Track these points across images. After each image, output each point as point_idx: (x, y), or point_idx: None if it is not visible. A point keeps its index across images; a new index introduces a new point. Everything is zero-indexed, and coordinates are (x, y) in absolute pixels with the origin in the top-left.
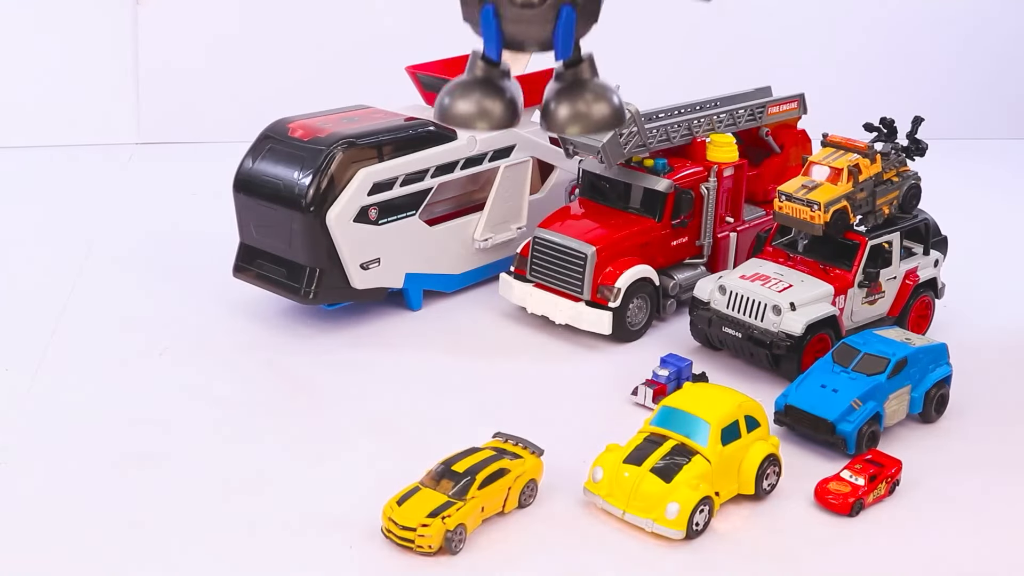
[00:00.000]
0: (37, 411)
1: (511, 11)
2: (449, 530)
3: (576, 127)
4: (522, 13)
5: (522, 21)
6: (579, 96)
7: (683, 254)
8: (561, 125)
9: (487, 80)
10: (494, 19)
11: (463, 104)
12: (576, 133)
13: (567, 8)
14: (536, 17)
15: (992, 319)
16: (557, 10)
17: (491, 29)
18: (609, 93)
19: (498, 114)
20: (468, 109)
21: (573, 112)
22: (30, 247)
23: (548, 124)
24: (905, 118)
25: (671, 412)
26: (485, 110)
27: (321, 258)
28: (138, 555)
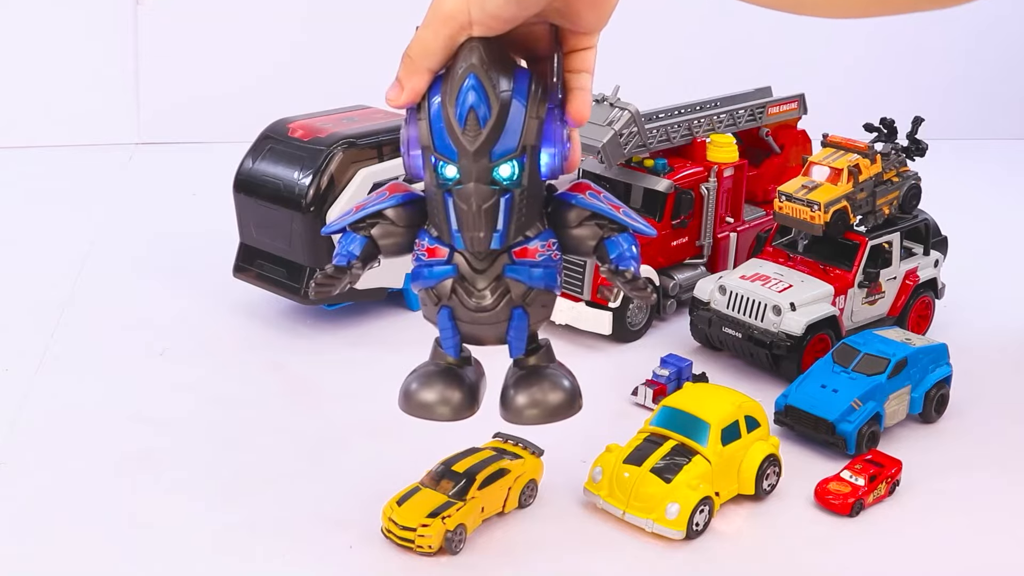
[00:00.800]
0: (37, 411)
1: (465, 313)
2: (449, 530)
3: (533, 413)
4: (475, 315)
5: (477, 322)
6: (536, 385)
7: (683, 254)
8: (518, 412)
9: (448, 370)
10: (450, 320)
11: (426, 393)
12: (534, 420)
13: (518, 311)
14: (490, 318)
15: (992, 319)
16: (509, 311)
17: (448, 329)
18: (563, 381)
19: (457, 401)
20: (430, 398)
21: (530, 400)
22: (30, 247)
23: (507, 412)
24: (905, 118)
25: (671, 412)
26: (445, 398)
27: (321, 258)
28: (138, 555)
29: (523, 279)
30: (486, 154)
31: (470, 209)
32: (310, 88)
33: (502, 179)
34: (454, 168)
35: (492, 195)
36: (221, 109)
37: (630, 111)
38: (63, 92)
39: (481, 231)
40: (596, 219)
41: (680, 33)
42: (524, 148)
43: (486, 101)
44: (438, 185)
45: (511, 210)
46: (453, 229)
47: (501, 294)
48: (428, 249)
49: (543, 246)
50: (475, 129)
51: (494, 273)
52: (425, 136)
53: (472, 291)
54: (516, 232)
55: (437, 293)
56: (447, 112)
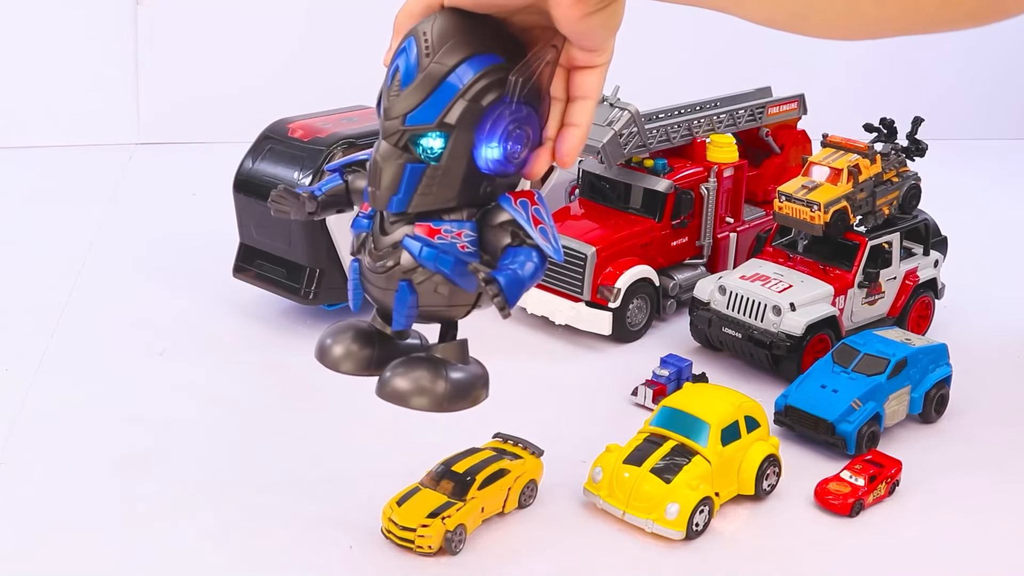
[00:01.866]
0: (37, 411)
1: (366, 270)
2: (449, 530)
3: (385, 390)
4: (370, 275)
5: (371, 282)
6: (410, 366)
7: (683, 254)
8: (380, 383)
9: (359, 328)
10: (355, 274)
11: (337, 347)
12: (383, 395)
13: (403, 283)
14: (379, 281)
15: (992, 319)
16: (396, 281)
17: (353, 281)
18: (440, 375)
19: (364, 358)
20: (339, 352)
21: (391, 374)
22: (30, 247)
23: (379, 389)
24: (905, 119)
25: (671, 412)
26: (350, 352)
27: (321, 258)
28: (138, 555)
29: (411, 251)
30: (400, 116)
31: (375, 163)
32: (310, 88)
33: (423, 148)
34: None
35: (396, 156)
36: (221, 109)
37: (630, 111)
38: (63, 92)
39: (377, 187)
40: (513, 226)
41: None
42: (444, 125)
43: (414, 65)
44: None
45: (416, 181)
46: (366, 184)
47: (393, 262)
48: (364, 204)
49: (451, 232)
50: (396, 89)
51: (395, 239)
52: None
53: (373, 250)
54: (419, 204)
55: (355, 243)
56: (387, 68)
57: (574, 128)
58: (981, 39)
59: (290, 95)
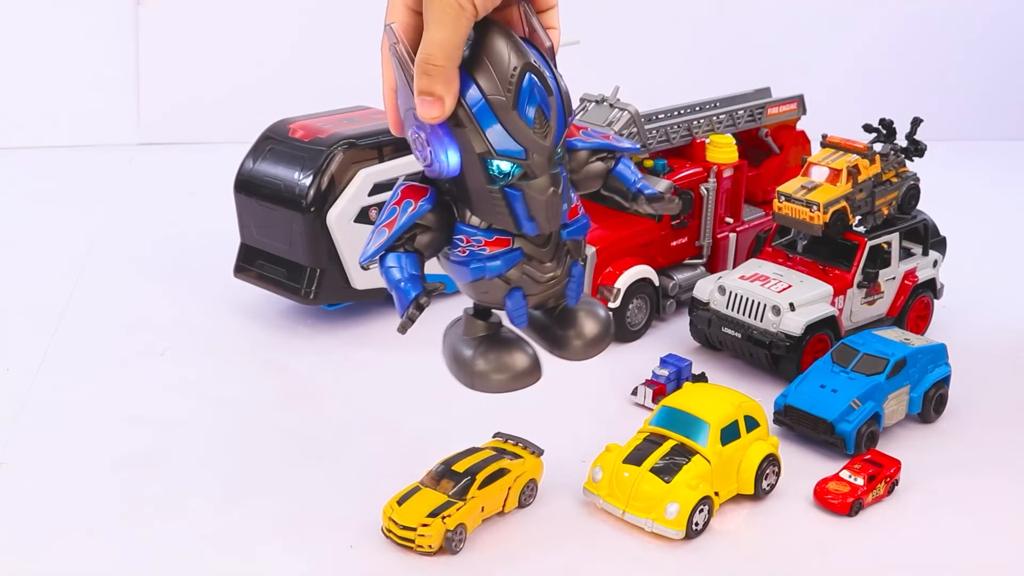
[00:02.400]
0: (37, 411)
1: (535, 287)
2: (449, 530)
3: (579, 343)
4: (546, 286)
5: (546, 291)
6: (576, 319)
7: (683, 254)
8: (569, 347)
9: (495, 337)
10: (524, 299)
11: (495, 373)
12: (580, 353)
13: (576, 264)
14: (558, 282)
15: (992, 319)
16: (569, 268)
17: (522, 307)
18: (598, 309)
19: (528, 366)
20: (499, 372)
21: (576, 333)
22: (30, 247)
23: (559, 349)
24: (905, 119)
25: (671, 412)
26: (513, 366)
27: (322, 258)
28: (138, 555)
29: (578, 235)
30: (554, 144)
31: (546, 198)
32: (310, 88)
33: (556, 158)
34: (509, 164)
35: (559, 178)
36: (221, 110)
37: (630, 112)
38: (63, 92)
39: (559, 213)
40: (596, 155)
41: (680, 34)
42: (569, 126)
43: (545, 97)
44: (493, 182)
45: (567, 181)
46: (524, 220)
47: (561, 258)
48: (488, 243)
49: (576, 198)
50: (543, 124)
51: (555, 242)
52: (480, 143)
53: (541, 266)
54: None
55: (507, 279)
56: (509, 114)
57: (555, 31)
58: (981, 39)
59: (290, 95)
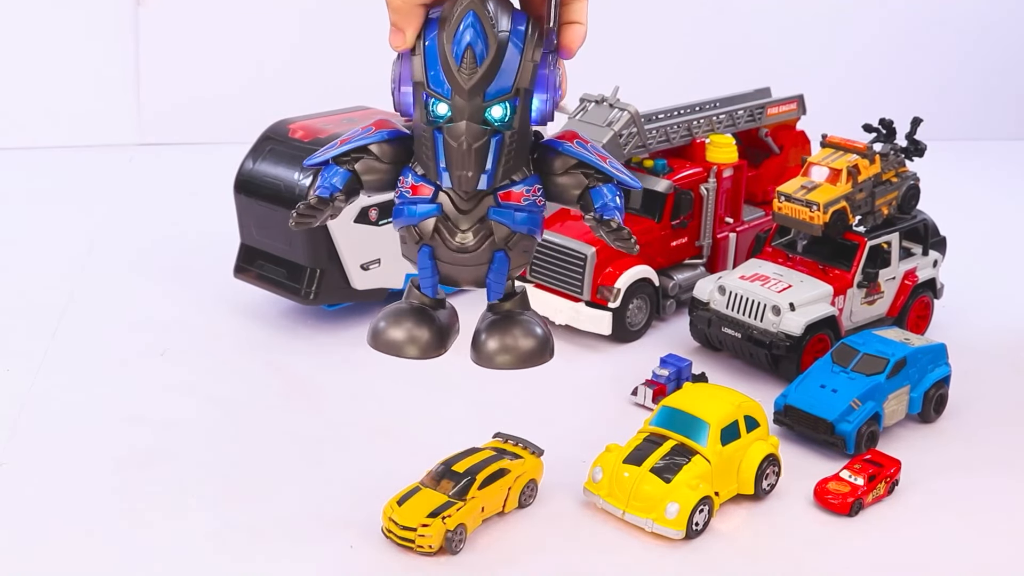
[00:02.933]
0: (37, 411)
1: (446, 253)
2: (449, 530)
3: (504, 358)
4: (456, 256)
5: (457, 263)
6: (508, 331)
7: (683, 254)
8: (489, 357)
9: (421, 309)
10: (430, 260)
11: (394, 331)
12: (505, 365)
13: (499, 254)
14: (470, 259)
15: (992, 319)
16: (491, 254)
17: (428, 269)
18: (536, 328)
19: (425, 341)
20: (398, 336)
21: (501, 345)
22: (30, 247)
23: (477, 356)
24: (905, 119)
25: (671, 412)
26: (414, 337)
27: (321, 259)
28: (138, 555)
29: (507, 222)
30: (480, 93)
31: (460, 147)
32: (310, 88)
33: (494, 120)
34: (446, 106)
35: (483, 135)
36: (221, 110)
37: (629, 112)
38: (63, 92)
39: (470, 170)
40: (582, 168)
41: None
42: (518, 90)
43: (484, 39)
44: (428, 122)
45: (500, 151)
46: (441, 167)
47: (484, 236)
48: (412, 187)
49: (528, 191)
50: (471, 67)
51: (478, 215)
52: (419, 72)
53: (455, 231)
54: (503, 175)
55: (419, 231)
56: (444, 49)
57: (578, 26)
58: (981, 39)
59: (290, 95)
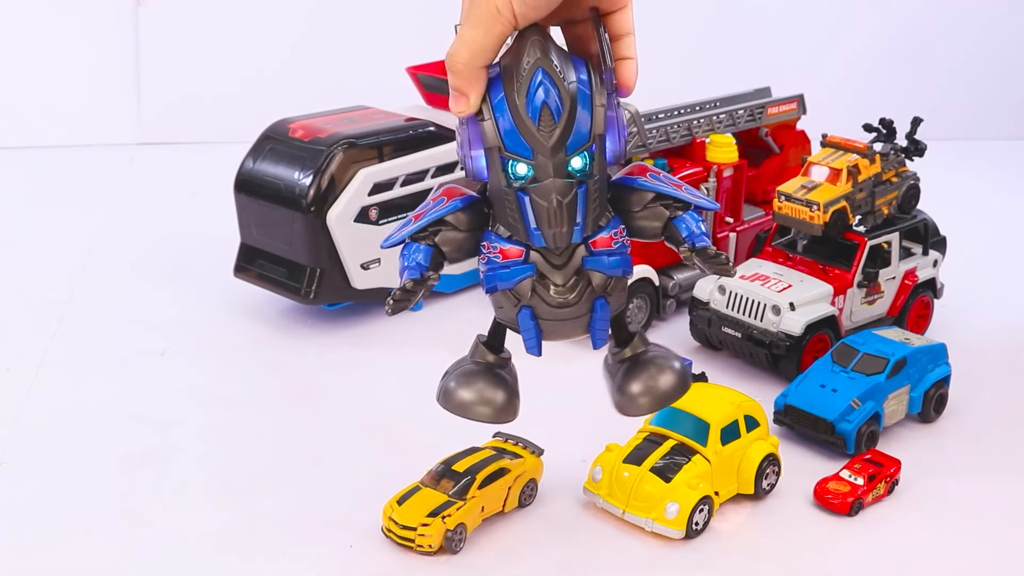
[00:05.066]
0: (37, 411)
1: (546, 310)
2: (449, 529)
3: (646, 401)
4: (557, 311)
5: (559, 318)
6: (645, 371)
7: None
8: (631, 399)
9: (491, 369)
10: (532, 320)
11: (465, 392)
12: (648, 408)
13: (600, 301)
14: (572, 312)
15: (992, 319)
16: (591, 303)
17: (531, 330)
18: (672, 362)
19: (500, 403)
20: (470, 397)
21: (644, 388)
22: (30, 247)
23: (623, 406)
24: (905, 119)
25: (671, 412)
26: (487, 399)
27: (322, 258)
28: (138, 555)
29: (603, 269)
30: (562, 148)
31: (550, 205)
32: (310, 88)
33: (575, 171)
34: (525, 166)
35: (570, 188)
36: (221, 109)
37: (630, 111)
38: (63, 92)
39: (563, 226)
40: (660, 200)
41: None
42: (594, 138)
43: (558, 95)
44: (509, 184)
45: (587, 201)
46: (531, 227)
47: (583, 287)
48: (502, 251)
49: (616, 233)
50: (550, 124)
51: (573, 267)
52: (492, 136)
53: (553, 287)
54: (592, 223)
55: (517, 294)
56: (517, 110)
57: (630, 61)
58: (981, 39)
59: (290, 95)
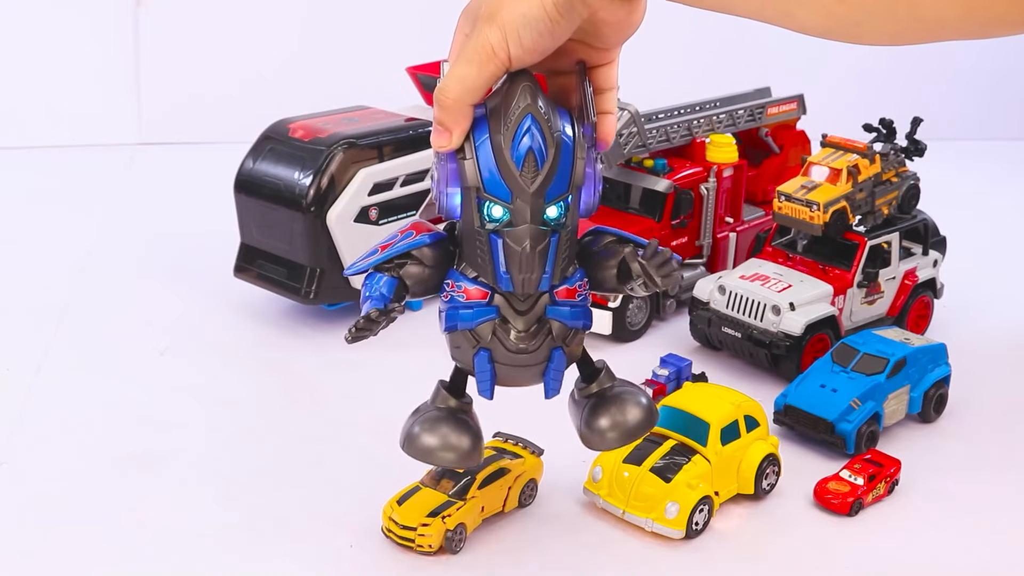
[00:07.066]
0: (37, 411)
1: (504, 355)
2: (449, 530)
3: (614, 435)
4: (515, 357)
5: (515, 363)
6: (613, 406)
7: (683, 254)
8: (601, 435)
9: (454, 415)
10: (489, 364)
11: (429, 438)
12: (615, 442)
13: (557, 351)
14: (529, 359)
15: (992, 319)
16: (548, 352)
17: (486, 372)
18: (639, 397)
19: (465, 449)
20: (433, 443)
21: (611, 423)
22: (30, 247)
23: (591, 440)
24: (904, 119)
25: (671, 412)
26: (451, 445)
27: (322, 258)
28: (139, 555)
29: (565, 320)
30: (542, 195)
31: (523, 250)
32: (310, 88)
33: (551, 219)
34: (502, 209)
35: (544, 236)
36: (221, 109)
37: (630, 111)
38: (63, 92)
39: (533, 272)
40: (619, 240)
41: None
42: (572, 189)
43: (544, 142)
44: (483, 225)
45: (558, 250)
46: (501, 270)
47: (543, 335)
48: (466, 291)
49: (580, 285)
50: (533, 170)
51: (536, 314)
52: (472, 176)
53: (513, 332)
54: (560, 272)
55: (477, 335)
56: (502, 152)
57: (610, 116)
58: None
59: (290, 95)
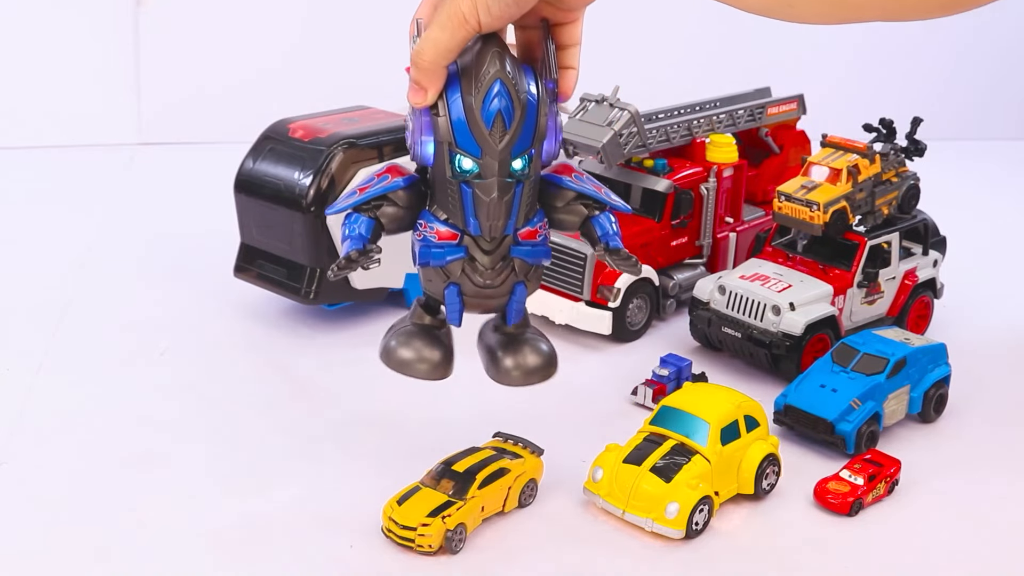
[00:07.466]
0: (37, 411)
1: (471, 289)
2: (449, 530)
3: (517, 374)
4: (482, 291)
5: (481, 296)
6: (520, 349)
7: (683, 254)
8: (505, 373)
9: (429, 330)
10: (458, 296)
11: (405, 351)
12: (517, 381)
13: (519, 285)
14: (495, 293)
15: (992, 319)
16: (511, 286)
17: (455, 304)
18: (542, 345)
19: (436, 361)
20: (409, 355)
21: (515, 363)
22: (30, 247)
23: (495, 372)
24: (904, 119)
25: (671, 412)
26: (424, 357)
27: (322, 258)
28: (138, 555)
29: (527, 258)
30: (508, 152)
31: (491, 200)
32: (310, 88)
33: (515, 171)
34: (472, 162)
35: (510, 187)
36: (221, 109)
37: (630, 111)
38: (63, 92)
39: (500, 219)
40: (581, 199)
41: (680, 33)
42: (535, 143)
43: (512, 105)
44: (454, 176)
45: (522, 199)
46: (470, 217)
47: (507, 272)
48: (438, 232)
49: (540, 226)
50: (501, 130)
51: (501, 254)
52: (446, 132)
53: (479, 270)
54: (523, 217)
55: (447, 272)
56: (473, 112)
57: (572, 71)
58: (980, 39)
59: (290, 95)
